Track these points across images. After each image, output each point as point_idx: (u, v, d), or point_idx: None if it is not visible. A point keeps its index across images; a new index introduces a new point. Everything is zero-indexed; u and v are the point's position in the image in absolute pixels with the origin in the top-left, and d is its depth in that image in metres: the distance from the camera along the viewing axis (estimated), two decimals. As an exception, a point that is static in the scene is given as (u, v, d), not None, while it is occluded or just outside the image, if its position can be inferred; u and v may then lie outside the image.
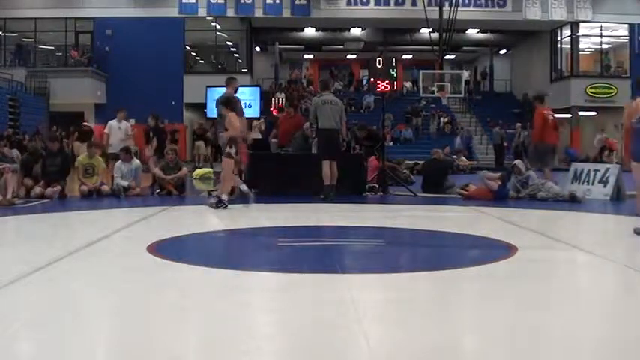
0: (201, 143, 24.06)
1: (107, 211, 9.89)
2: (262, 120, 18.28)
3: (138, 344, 3.26)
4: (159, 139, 15.26)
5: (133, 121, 17.12)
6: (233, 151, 9.77)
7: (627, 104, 7.18)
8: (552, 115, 12.19)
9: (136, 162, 12.52)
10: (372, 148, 13.66)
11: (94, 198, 11.57)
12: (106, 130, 14.92)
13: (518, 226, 8.02)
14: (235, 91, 11.37)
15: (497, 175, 11.50)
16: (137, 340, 3.32)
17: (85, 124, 22.56)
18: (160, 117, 15.53)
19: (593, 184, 11.79)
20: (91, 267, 5.30)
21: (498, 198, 11.03)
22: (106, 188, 11.86)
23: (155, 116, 15.07)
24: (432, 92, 27.84)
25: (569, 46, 32.76)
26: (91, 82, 29.16)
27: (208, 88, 12.87)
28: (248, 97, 12.83)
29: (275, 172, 11.79)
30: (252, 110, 12.99)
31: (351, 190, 11.95)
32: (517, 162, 11.98)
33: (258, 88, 14.10)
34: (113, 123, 14.88)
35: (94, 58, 29.96)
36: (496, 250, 6.13)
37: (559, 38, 33.40)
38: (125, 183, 12.01)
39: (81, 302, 4.13)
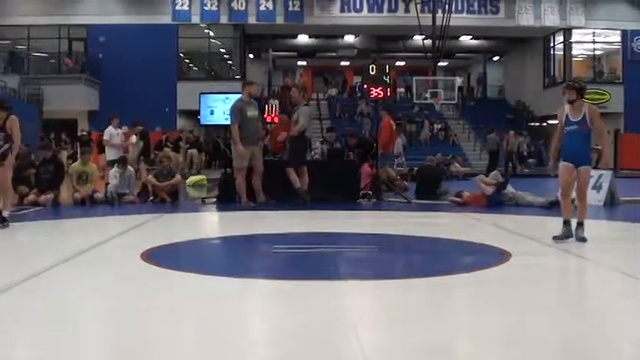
0: (194, 151, 24.01)
1: (100, 219, 9.86)
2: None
3: (131, 352, 3.26)
4: (144, 143, 15.31)
5: (125, 128, 17.11)
6: (12, 160, 8.30)
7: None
8: (394, 126, 14.43)
9: (130, 169, 12.52)
10: (364, 155, 13.66)
11: (87, 205, 11.53)
12: (106, 137, 14.93)
13: (511, 232, 8.04)
14: (251, 97, 11.41)
15: (494, 181, 11.54)
16: (131, 349, 3.31)
17: (84, 132, 22.54)
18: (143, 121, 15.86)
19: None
20: (84, 275, 5.29)
21: (492, 204, 11.06)
22: (99, 195, 11.83)
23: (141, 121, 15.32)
24: (426, 99, 27.89)
25: (562, 53, 32.89)
26: (85, 89, 29.10)
27: (202, 95, 12.86)
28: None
29: (268, 179, 11.78)
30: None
31: (344, 197, 11.96)
32: (492, 173, 12.26)
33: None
34: (111, 130, 14.90)
35: (87, 65, 29.92)
36: (490, 256, 6.13)
37: (552, 44, 33.55)
38: (125, 190, 12.04)
39: (73, 310, 4.12)
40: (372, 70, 12.58)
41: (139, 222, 8.94)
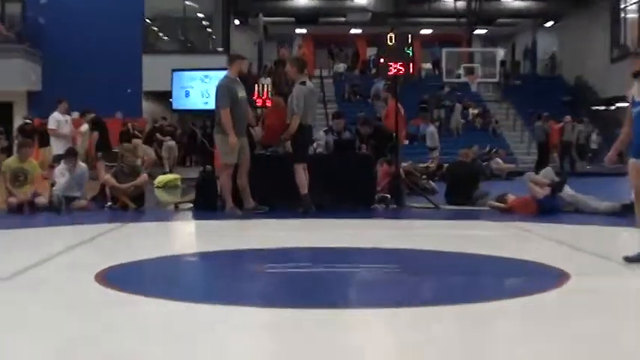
0: (172, 143, 24.08)
1: (43, 230, 9.86)
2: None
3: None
4: (101, 133, 15.31)
5: (76, 114, 17.15)
6: None
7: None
8: (402, 110, 13.96)
9: (82, 166, 12.50)
10: (382, 148, 13.65)
11: (25, 212, 11.51)
12: (52, 126, 14.96)
13: (570, 246, 8.04)
14: (241, 74, 11.42)
15: (547, 180, 11.53)
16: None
17: (27, 120, 22.66)
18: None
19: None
20: (21, 302, 5.28)
21: (545, 210, 11.04)
22: (42, 200, 11.83)
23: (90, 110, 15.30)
24: (458, 77, 27.91)
25: (636, 15, 32.73)
26: (22, 64, 29.00)
27: (174, 73, 12.86)
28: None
29: (260, 178, 11.76)
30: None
31: (356, 202, 11.94)
32: (545, 170, 12.22)
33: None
34: (59, 116, 14.92)
35: (25, 32, 29.88)
36: (543, 278, 6.14)
37: (623, 5, 33.39)
38: (76, 192, 12.02)
39: (6, 350, 4.10)
40: (390, 40, 12.56)
41: (94, 234, 8.94)
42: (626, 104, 7.26)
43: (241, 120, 11.14)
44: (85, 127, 16.17)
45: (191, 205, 12.16)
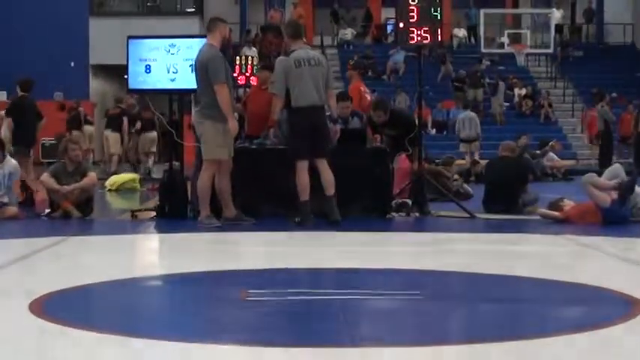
0: (153, 135, 23.94)
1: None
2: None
3: None
4: (20, 118, 15.13)
5: (2, 95, 17.17)
6: None
7: None
8: (369, 94, 14.87)
9: (11, 163, 12.46)
10: (401, 139, 13.66)
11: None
12: None
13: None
14: (223, 43, 11.42)
15: (613, 182, 11.52)
16: None
17: None
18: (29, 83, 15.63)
19: None
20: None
21: (612, 220, 11.05)
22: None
23: (26, 83, 15.08)
24: (501, 46, 27.82)
25: None
26: None
27: (131, 41, 12.88)
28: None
29: (243, 179, 11.79)
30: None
31: (366, 210, 11.95)
32: (612, 168, 12.28)
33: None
34: None
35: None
36: (609, 308, 6.17)
37: None
38: (4, 198, 12.02)
39: None
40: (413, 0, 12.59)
41: (28, 250, 8.96)
42: None
43: (231, 102, 11.22)
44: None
45: (153, 213, 12.17)
